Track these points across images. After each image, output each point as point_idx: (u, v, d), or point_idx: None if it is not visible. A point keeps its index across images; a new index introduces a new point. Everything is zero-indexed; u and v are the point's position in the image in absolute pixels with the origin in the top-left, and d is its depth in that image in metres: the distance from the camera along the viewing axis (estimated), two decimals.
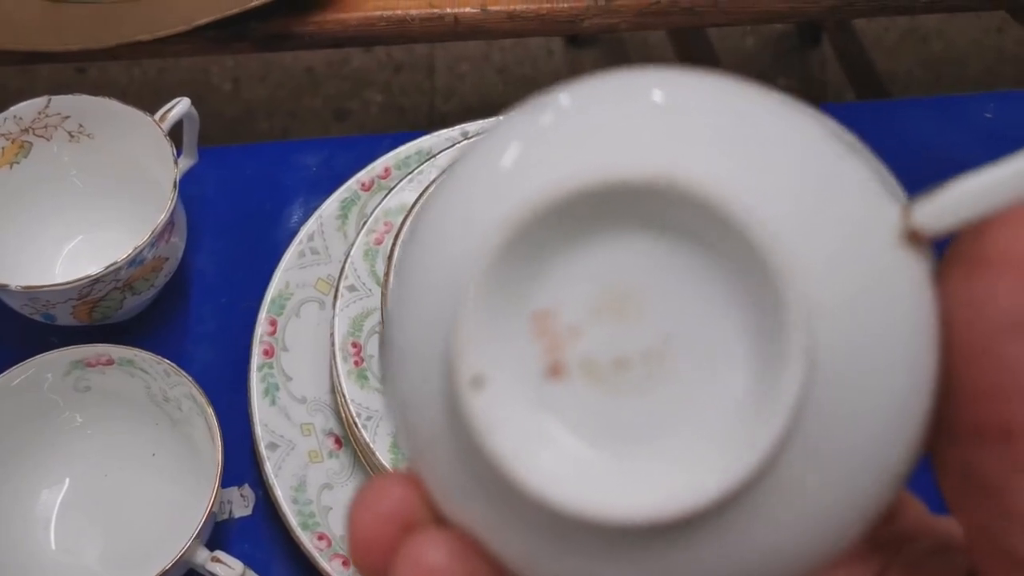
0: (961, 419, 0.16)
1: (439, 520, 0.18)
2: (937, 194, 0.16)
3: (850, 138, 0.18)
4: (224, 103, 1.41)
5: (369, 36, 0.61)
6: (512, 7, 0.61)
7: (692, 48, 1.21)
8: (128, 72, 1.42)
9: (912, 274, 0.16)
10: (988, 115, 0.67)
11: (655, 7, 0.61)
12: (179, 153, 0.55)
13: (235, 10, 0.56)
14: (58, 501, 0.53)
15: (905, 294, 0.16)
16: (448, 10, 0.61)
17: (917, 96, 1.38)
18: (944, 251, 0.17)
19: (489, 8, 0.61)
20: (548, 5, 0.61)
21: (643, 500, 0.15)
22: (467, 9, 0.61)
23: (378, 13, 0.60)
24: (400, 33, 0.61)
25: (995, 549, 0.16)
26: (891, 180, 0.18)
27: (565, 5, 0.61)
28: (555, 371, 0.16)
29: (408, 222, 0.52)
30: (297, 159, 0.64)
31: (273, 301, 0.56)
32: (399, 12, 0.60)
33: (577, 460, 0.16)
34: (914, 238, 0.16)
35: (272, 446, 0.52)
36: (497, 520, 0.17)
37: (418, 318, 0.17)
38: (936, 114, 0.68)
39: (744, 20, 0.63)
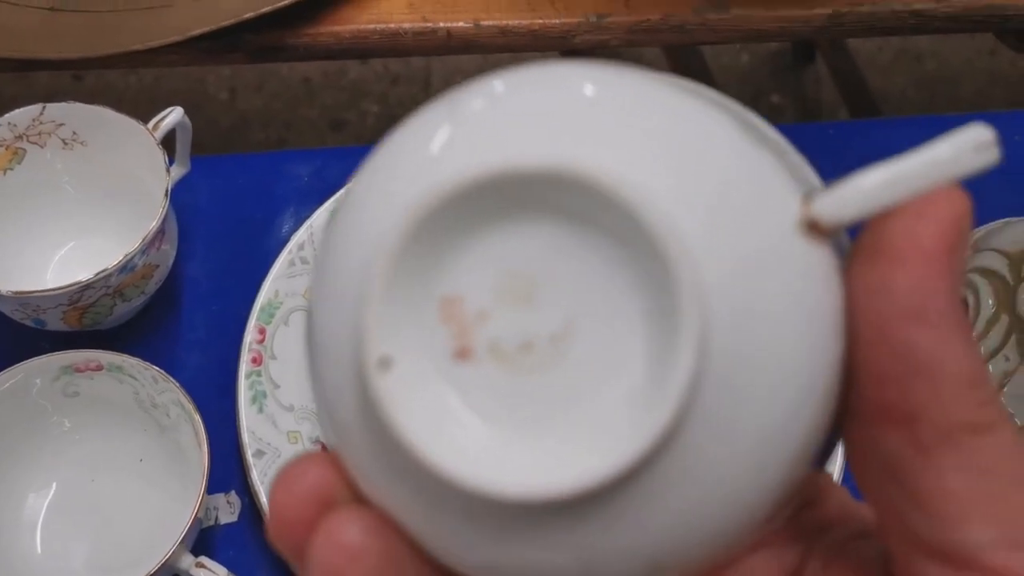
0: (867, 403, 0.16)
1: (358, 499, 0.18)
2: (837, 186, 0.17)
3: (772, 135, 0.18)
4: (220, 112, 1.42)
5: (362, 49, 0.62)
6: (504, 22, 0.61)
7: (686, 65, 1.22)
8: (125, 80, 1.43)
9: (810, 261, 0.17)
10: None
11: (645, 24, 0.61)
12: (171, 162, 0.56)
13: (229, 21, 0.57)
14: (45, 505, 0.53)
15: (802, 279, 0.16)
16: (441, 24, 0.61)
17: (909, 115, 1.39)
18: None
19: (482, 23, 0.61)
20: (540, 21, 0.61)
21: (544, 477, 0.16)
22: (460, 24, 0.61)
23: (371, 26, 0.61)
24: (393, 46, 0.61)
25: (901, 531, 0.16)
26: (809, 174, 0.18)
27: (557, 21, 0.61)
28: (462, 355, 0.16)
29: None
30: (289, 169, 0.65)
31: (262, 309, 0.57)
32: (392, 25, 0.61)
33: (482, 439, 0.16)
34: (814, 228, 0.17)
35: (259, 453, 0.53)
36: (408, 498, 0.17)
37: (333, 299, 0.18)
38: (925, 133, 0.69)
39: (733, 38, 0.64)
